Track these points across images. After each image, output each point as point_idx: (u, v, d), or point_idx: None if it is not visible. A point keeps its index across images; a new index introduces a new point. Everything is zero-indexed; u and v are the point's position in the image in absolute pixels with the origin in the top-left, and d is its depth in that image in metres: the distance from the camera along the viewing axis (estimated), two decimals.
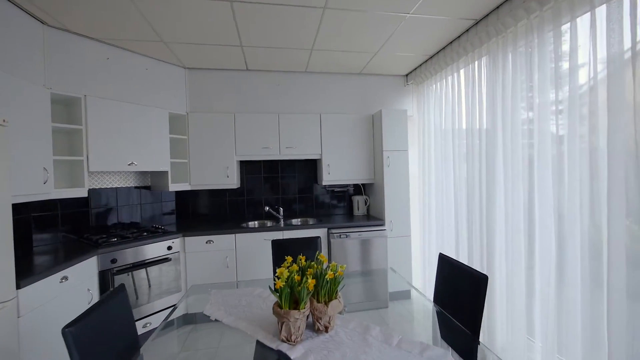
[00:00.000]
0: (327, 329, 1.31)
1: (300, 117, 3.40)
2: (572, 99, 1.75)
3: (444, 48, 2.92)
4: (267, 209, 3.55)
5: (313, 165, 3.78)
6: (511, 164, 2.21)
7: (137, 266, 2.59)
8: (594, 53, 1.62)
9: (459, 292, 1.61)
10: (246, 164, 3.64)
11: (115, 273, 2.44)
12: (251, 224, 3.46)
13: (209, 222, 3.44)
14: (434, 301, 1.78)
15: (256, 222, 3.52)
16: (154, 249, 2.71)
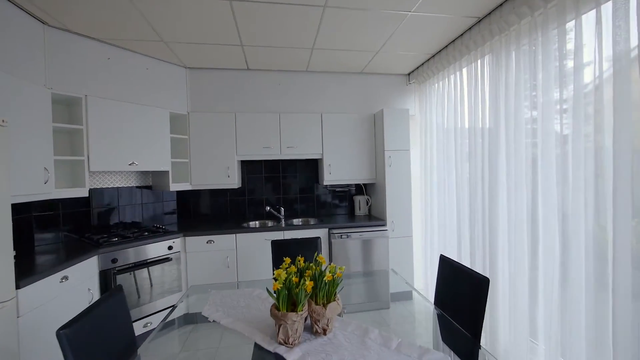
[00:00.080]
0: (326, 332, 1.29)
1: (301, 117, 3.38)
2: (576, 97, 1.72)
3: (446, 46, 2.89)
4: (268, 209, 3.54)
5: (314, 165, 3.76)
6: (514, 163, 2.18)
7: (138, 266, 2.59)
8: (599, 51, 1.59)
9: (459, 295, 1.59)
10: (247, 163, 3.63)
11: (116, 273, 2.45)
12: (252, 224, 3.45)
13: (210, 222, 3.44)
14: (434, 303, 1.76)
15: (257, 222, 3.51)
16: (154, 249, 2.71)
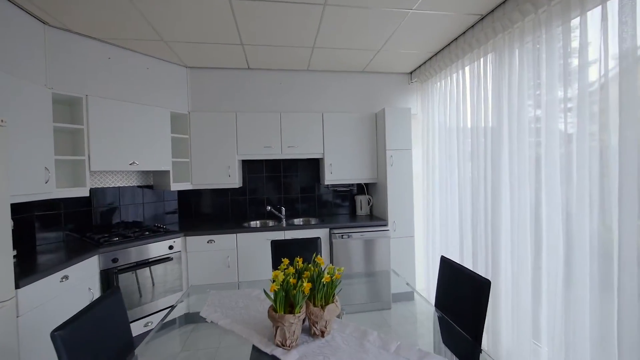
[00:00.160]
0: (324, 334, 1.28)
1: (302, 116, 3.36)
2: (581, 96, 1.69)
3: (448, 45, 2.85)
4: (269, 208, 3.53)
5: (316, 165, 3.75)
6: (517, 162, 2.15)
7: (138, 265, 2.59)
8: (605, 48, 1.55)
9: (460, 297, 1.57)
10: (248, 163, 3.62)
11: (117, 272, 2.45)
12: (253, 224, 3.44)
13: (211, 222, 3.44)
14: (435, 305, 1.73)
15: (258, 222, 3.50)
16: (155, 249, 2.71)
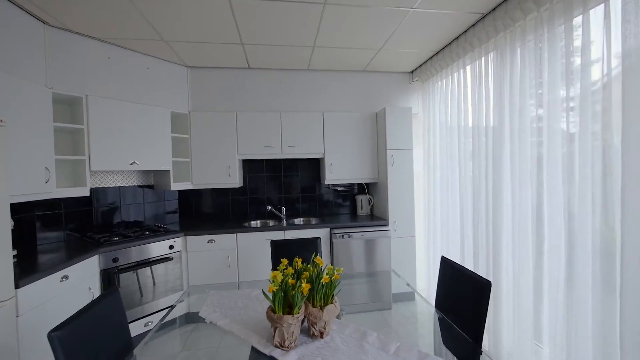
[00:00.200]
0: (323, 335, 1.27)
1: (303, 116, 3.36)
2: (584, 95, 1.67)
3: (449, 43, 2.84)
4: (270, 208, 3.52)
5: (316, 164, 3.74)
6: (519, 162, 2.13)
7: (139, 265, 2.59)
8: (607, 47, 1.53)
9: (461, 298, 1.56)
10: (249, 162, 3.61)
11: (118, 272, 2.45)
12: (253, 224, 3.44)
13: (212, 221, 3.44)
14: (435, 306, 1.72)
15: (258, 222, 3.50)
16: (155, 248, 2.71)
